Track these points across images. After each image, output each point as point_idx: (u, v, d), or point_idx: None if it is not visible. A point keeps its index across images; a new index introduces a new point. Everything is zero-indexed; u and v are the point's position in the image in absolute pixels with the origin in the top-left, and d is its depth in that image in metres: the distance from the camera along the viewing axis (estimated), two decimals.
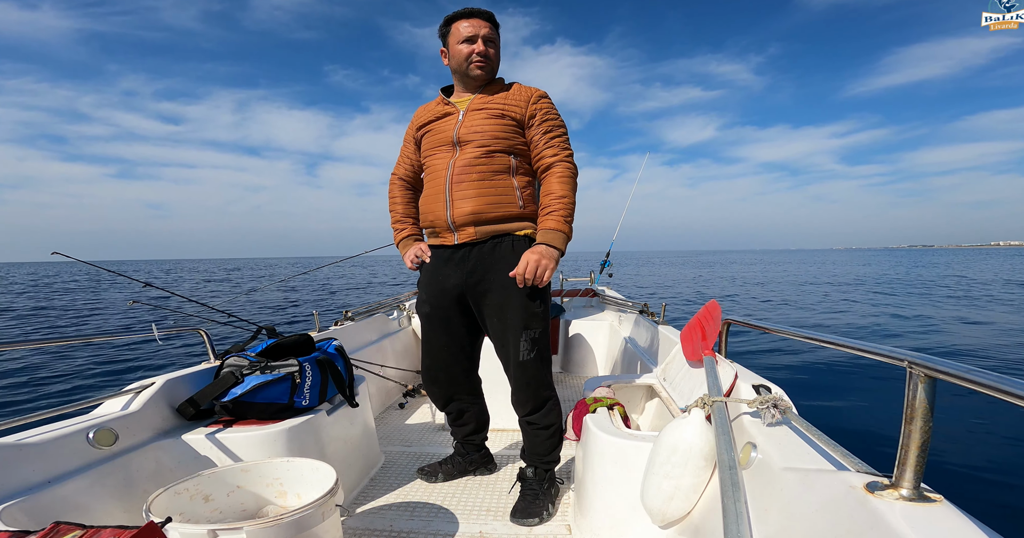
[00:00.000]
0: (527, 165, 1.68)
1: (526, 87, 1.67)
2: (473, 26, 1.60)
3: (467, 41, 1.60)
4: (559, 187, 1.60)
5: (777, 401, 1.22)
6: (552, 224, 1.58)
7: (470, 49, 1.60)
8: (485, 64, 1.62)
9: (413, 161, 1.81)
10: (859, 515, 0.76)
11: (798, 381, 5.31)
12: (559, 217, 1.58)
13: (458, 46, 1.61)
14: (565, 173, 1.61)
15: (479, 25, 1.60)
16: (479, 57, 1.60)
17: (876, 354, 0.92)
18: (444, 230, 1.66)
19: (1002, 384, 0.65)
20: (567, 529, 1.65)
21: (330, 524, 1.21)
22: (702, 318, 1.89)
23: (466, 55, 1.61)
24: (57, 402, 4.87)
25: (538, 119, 1.63)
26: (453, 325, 1.76)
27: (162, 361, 6.48)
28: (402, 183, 1.85)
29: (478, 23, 1.60)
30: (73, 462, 1.31)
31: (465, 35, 1.60)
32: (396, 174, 1.86)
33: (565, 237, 1.59)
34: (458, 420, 1.97)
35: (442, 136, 1.66)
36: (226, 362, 1.71)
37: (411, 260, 1.77)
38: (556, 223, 1.58)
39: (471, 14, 1.60)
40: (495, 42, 1.65)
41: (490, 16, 1.62)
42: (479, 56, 1.60)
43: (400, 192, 1.85)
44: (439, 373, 1.84)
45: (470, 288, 1.66)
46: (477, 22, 1.60)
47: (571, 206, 1.60)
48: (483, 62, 1.61)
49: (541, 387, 1.71)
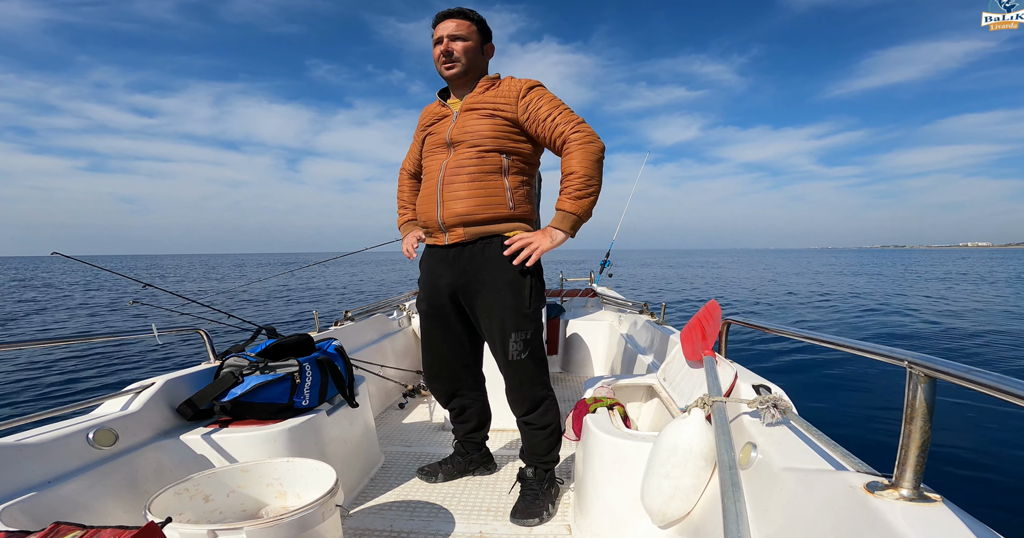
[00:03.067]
0: (520, 164, 1.66)
1: (516, 81, 1.64)
2: (440, 28, 1.62)
3: (436, 43, 1.64)
4: (573, 162, 1.53)
5: (777, 401, 1.22)
6: (560, 205, 1.56)
7: (437, 52, 1.63)
8: (452, 64, 1.62)
9: (418, 159, 1.86)
10: (859, 515, 0.76)
11: (798, 381, 5.31)
12: (565, 197, 1.55)
13: (433, 50, 1.65)
14: (578, 145, 1.53)
15: (445, 26, 1.62)
16: (443, 57, 1.62)
17: (876, 354, 0.92)
18: (436, 230, 1.68)
19: (1002, 384, 0.65)
20: (567, 529, 1.65)
21: (330, 524, 1.21)
22: (702, 318, 1.89)
23: (436, 57, 1.64)
24: (57, 402, 4.87)
25: (531, 110, 1.59)
26: (451, 322, 1.77)
27: (160, 359, 6.49)
28: (408, 173, 1.96)
29: (445, 25, 1.62)
30: (73, 462, 1.31)
31: (434, 39, 1.64)
32: (404, 167, 1.97)
33: (574, 218, 1.55)
34: (460, 416, 1.97)
35: (438, 138, 1.68)
36: (226, 362, 1.71)
37: (406, 250, 1.86)
38: (564, 203, 1.55)
39: (441, 17, 1.63)
40: (464, 38, 1.61)
41: (459, 13, 1.62)
42: (443, 56, 1.62)
43: (407, 181, 1.97)
44: (441, 369, 1.85)
45: (461, 288, 1.67)
46: (444, 23, 1.62)
47: (581, 179, 1.52)
48: (449, 62, 1.62)
49: (535, 387, 1.72)
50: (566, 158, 1.55)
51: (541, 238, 1.57)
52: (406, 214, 1.95)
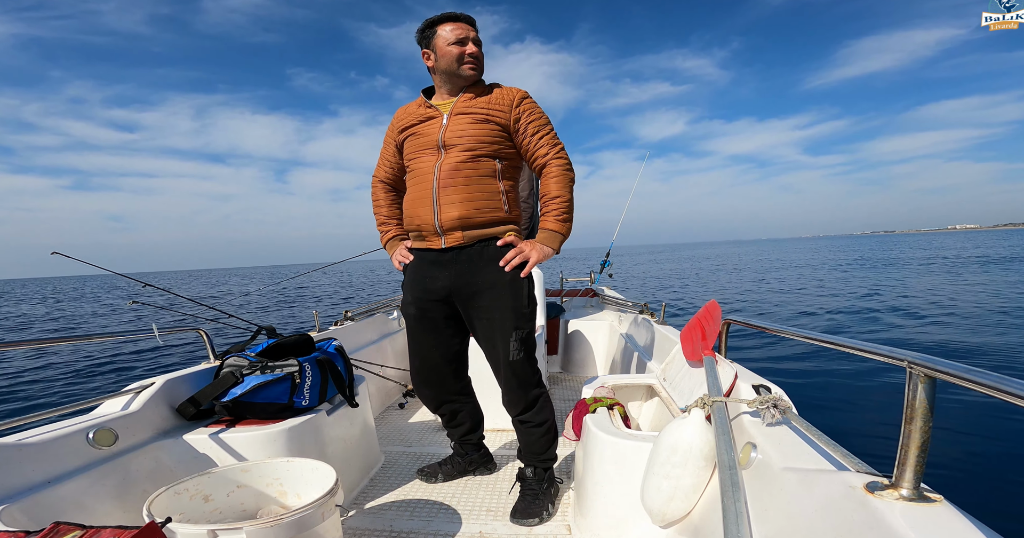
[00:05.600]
0: (511, 169, 1.71)
1: (508, 89, 1.69)
2: (462, 29, 1.64)
3: (458, 43, 1.64)
4: (554, 187, 1.66)
5: (777, 401, 1.22)
6: (548, 225, 1.67)
7: (461, 50, 1.63)
8: (477, 65, 1.66)
9: (393, 164, 1.82)
10: (859, 515, 0.76)
11: (798, 381, 5.31)
12: (552, 218, 1.67)
13: (448, 48, 1.64)
14: (558, 171, 1.67)
15: (467, 28, 1.65)
16: (471, 58, 1.64)
17: (876, 354, 0.92)
18: (431, 234, 1.66)
19: (1002, 384, 0.65)
20: (567, 529, 1.65)
21: (330, 524, 1.21)
22: (702, 318, 1.89)
23: (457, 56, 1.63)
24: (57, 402, 4.87)
25: (523, 123, 1.66)
26: (440, 326, 1.76)
27: (160, 359, 6.48)
28: (384, 186, 1.87)
29: (466, 26, 1.65)
30: (73, 462, 1.31)
31: (456, 37, 1.63)
32: (377, 176, 1.88)
33: (560, 237, 1.68)
34: (452, 421, 1.97)
35: (426, 139, 1.67)
36: (226, 362, 1.71)
37: (397, 261, 1.82)
38: (551, 224, 1.67)
39: (457, 18, 1.65)
40: (480, 44, 1.68)
41: (471, 20, 1.68)
42: (471, 57, 1.64)
43: (383, 194, 1.88)
44: (430, 374, 1.84)
45: (457, 291, 1.67)
46: (465, 26, 1.65)
47: (566, 204, 1.67)
48: (475, 63, 1.65)
49: (531, 386, 1.73)
50: (547, 179, 1.68)
51: (531, 250, 1.65)
52: (389, 231, 1.86)
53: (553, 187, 1.66)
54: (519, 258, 1.64)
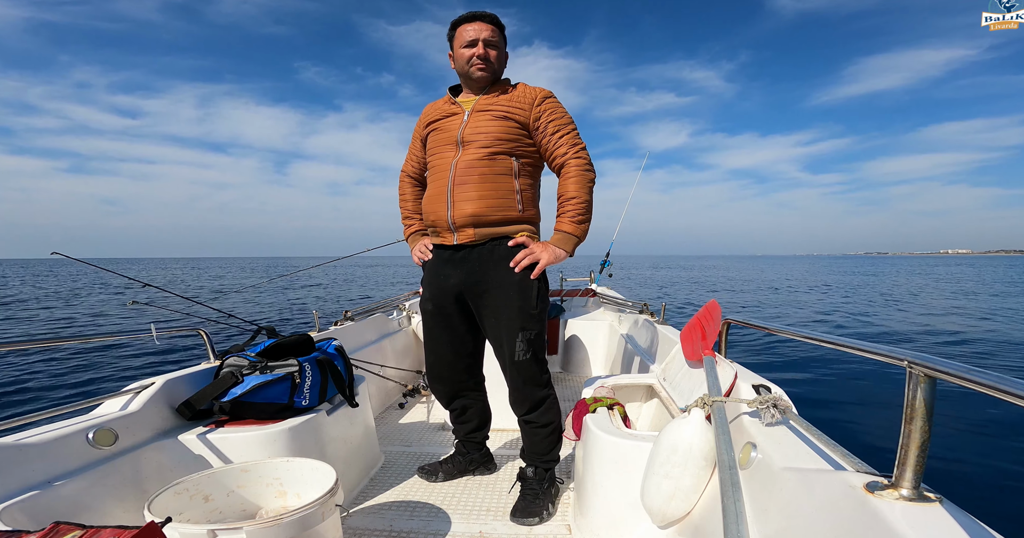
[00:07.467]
0: (529, 168, 1.70)
1: (531, 88, 1.69)
2: (475, 30, 1.64)
3: (469, 45, 1.64)
4: (572, 187, 1.63)
5: (777, 401, 1.22)
6: (562, 227, 1.65)
7: (471, 53, 1.64)
8: (486, 67, 1.66)
9: (420, 158, 1.85)
10: (859, 515, 0.76)
11: (798, 381, 5.31)
12: (567, 220, 1.64)
13: (461, 50, 1.65)
14: (576, 171, 1.64)
15: (480, 28, 1.64)
16: (479, 60, 1.64)
17: (876, 354, 0.92)
18: (444, 230, 1.68)
19: (1002, 384, 0.65)
20: (567, 529, 1.65)
21: (330, 524, 1.21)
22: (702, 318, 1.89)
23: (467, 58, 1.64)
24: (57, 402, 4.87)
25: (543, 122, 1.65)
26: (455, 322, 1.78)
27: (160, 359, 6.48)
28: (410, 180, 1.91)
29: (480, 26, 1.64)
30: (73, 462, 1.31)
31: (467, 39, 1.64)
32: (404, 171, 1.92)
33: (575, 240, 1.65)
34: (461, 417, 1.98)
35: (446, 135, 1.69)
36: (226, 362, 1.71)
37: (416, 256, 1.84)
38: (566, 225, 1.64)
39: (474, 18, 1.65)
40: (497, 44, 1.67)
41: (493, 19, 1.66)
42: (479, 59, 1.64)
43: (409, 189, 1.92)
44: (443, 369, 1.86)
45: (468, 288, 1.68)
46: (479, 25, 1.64)
47: (583, 205, 1.64)
48: (483, 65, 1.65)
49: (537, 386, 1.73)
50: (565, 179, 1.65)
51: (544, 251, 1.62)
52: (412, 225, 1.91)
53: (571, 187, 1.63)
54: (528, 260, 1.62)
